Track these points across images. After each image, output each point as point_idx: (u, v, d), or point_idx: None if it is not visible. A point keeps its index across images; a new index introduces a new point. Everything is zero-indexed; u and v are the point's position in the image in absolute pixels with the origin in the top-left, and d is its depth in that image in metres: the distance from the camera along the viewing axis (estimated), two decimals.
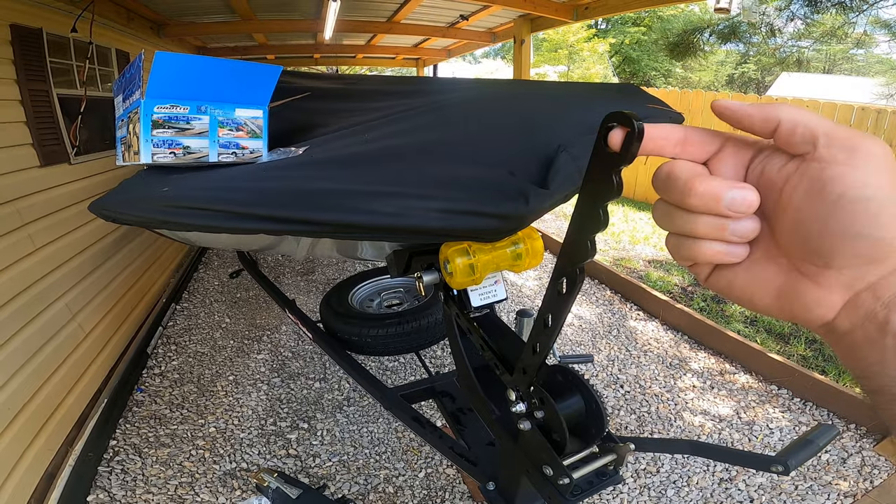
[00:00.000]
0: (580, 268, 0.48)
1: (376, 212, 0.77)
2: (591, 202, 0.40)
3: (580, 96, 1.37)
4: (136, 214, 1.03)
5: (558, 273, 0.53)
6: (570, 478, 0.78)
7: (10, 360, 1.80)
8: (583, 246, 0.44)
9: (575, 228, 0.44)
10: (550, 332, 0.64)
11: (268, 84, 1.27)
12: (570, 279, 0.51)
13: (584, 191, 0.41)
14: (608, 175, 0.36)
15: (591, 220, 0.40)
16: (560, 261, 0.50)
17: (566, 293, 0.54)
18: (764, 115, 0.29)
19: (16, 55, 2.20)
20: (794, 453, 0.91)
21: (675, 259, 0.34)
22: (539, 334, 0.68)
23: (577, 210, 0.42)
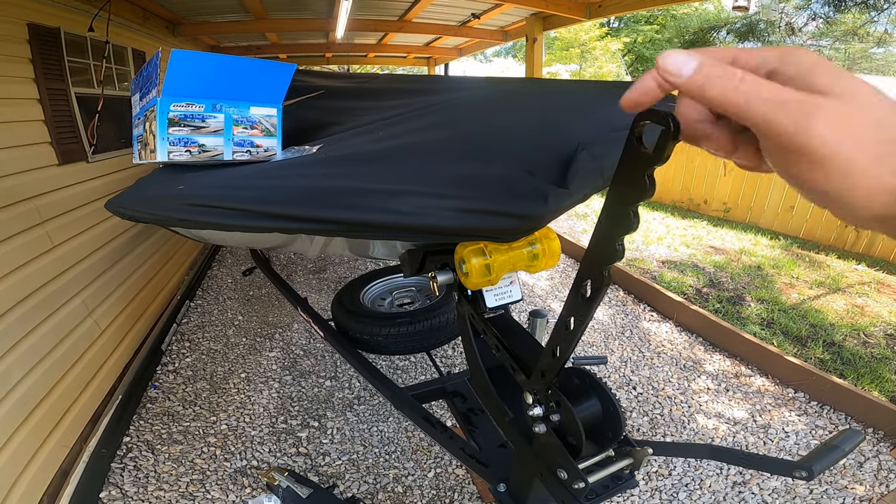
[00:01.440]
0: (607, 270, 0.46)
1: (392, 210, 0.76)
2: (622, 203, 0.39)
3: (597, 94, 1.35)
4: (152, 212, 1.03)
5: (583, 275, 0.51)
6: (586, 482, 0.77)
7: (27, 357, 1.83)
8: (610, 248, 0.42)
9: (603, 229, 0.42)
10: (572, 337, 0.62)
11: (282, 82, 1.27)
12: (595, 282, 0.49)
13: (614, 191, 0.39)
14: (640, 175, 0.35)
15: (621, 222, 0.38)
16: (585, 263, 0.48)
17: (591, 297, 0.52)
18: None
19: (34, 54, 2.23)
20: (819, 459, 0.89)
21: None
22: (560, 338, 0.66)
23: (606, 211, 0.41)
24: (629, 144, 0.36)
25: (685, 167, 6.18)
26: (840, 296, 3.64)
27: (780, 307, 3.42)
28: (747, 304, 3.49)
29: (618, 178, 0.38)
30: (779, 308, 3.41)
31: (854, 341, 2.97)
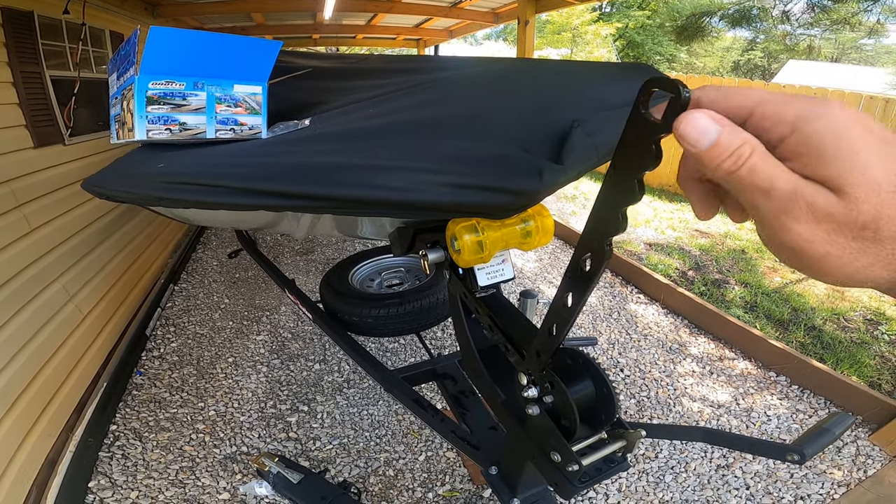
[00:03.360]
0: (608, 243, 0.45)
1: (382, 186, 0.74)
2: (626, 172, 0.37)
3: (592, 74, 1.33)
4: (131, 191, 1.00)
5: (583, 248, 0.48)
6: (580, 464, 0.77)
7: (7, 344, 1.78)
8: (613, 218, 0.41)
9: (605, 200, 0.41)
10: (569, 314, 0.60)
11: (267, 60, 1.23)
12: (596, 255, 0.47)
13: (618, 160, 0.38)
14: (647, 144, 0.34)
15: (625, 191, 0.37)
16: (585, 235, 0.46)
17: (590, 271, 0.50)
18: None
19: (7, 38, 2.18)
20: (811, 442, 0.90)
21: None
22: (557, 315, 0.64)
23: (609, 180, 0.40)
24: (635, 112, 0.34)
25: (674, 151, 6.20)
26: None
27: (763, 291, 3.48)
28: (731, 287, 3.55)
29: (622, 146, 0.37)
30: (762, 292, 3.47)
31: (834, 326, 3.04)
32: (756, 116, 0.31)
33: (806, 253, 0.30)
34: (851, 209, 0.28)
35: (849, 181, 0.28)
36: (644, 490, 1.87)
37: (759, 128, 0.31)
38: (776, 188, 0.29)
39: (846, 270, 0.30)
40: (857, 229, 0.28)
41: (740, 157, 0.30)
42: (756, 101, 0.31)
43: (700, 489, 1.87)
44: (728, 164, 0.30)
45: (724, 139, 0.30)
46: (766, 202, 0.30)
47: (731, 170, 0.30)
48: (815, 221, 0.29)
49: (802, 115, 0.29)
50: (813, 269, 0.31)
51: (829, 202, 0.28)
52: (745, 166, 0.30)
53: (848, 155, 0.28)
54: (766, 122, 0.31)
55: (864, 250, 0.29)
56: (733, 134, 0.30)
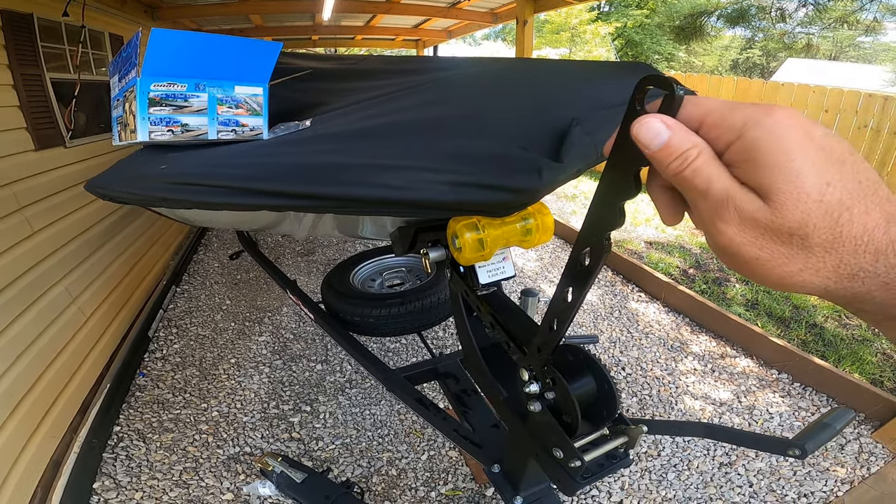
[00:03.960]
0: (607, 237, 0.45)
1: (384, 185, 0.75)
2: (623, 168, 0.38)
3: (590, 73, 1.33)
4: (134, 192, 1.00)
5: (582, 243, 0.49)
6: (582, 460, 0.77)
7: (10, 346, 1.79)
8: (611, 213, 0.41)
9: (603, 195, 0.41)
10: (570, 309, 0.61)
11: (268, 61, 1.24)
12: (595, 249, 0.48)
13: (615, 156, 0.39)
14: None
15: (622, 187, 0.38)
16: (584, 230, 0.47)
17: (590, 265, 0.50)
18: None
19: (7, 40, 2.19)
20: (812, 437, 0.90)
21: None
22: (557, 311, 0.65)
23: (606, 176, 0.40)
24: (631, 109, 0.35)
25: None
26: None
27: (763, 288, 3.48)
28: (732, 285, 3.55)
29: (619, 142, 0.38)
30: (762, 289, 3.46)
31: (835, 323, 3.03)
32: (707, 125, 0.33)
33: (737, 255, 0.32)
34: (777, 216, 0.29)
35: (777, 188, 0.29)
36: (647, 488, 1.88)
37: (710, 136, 0.33)
38: (711, 190, 0.31)
39: (777, 273, 0.31)
40: (784, 235, 0.30)
41: (686, 158, 0.32)
42: (706, 110, 0.33)
43: (703, 487, 1.87)
44: (674, 165, 0.32)
45: (672, 141, 0.32)
46: (703, 203, 0.32)
47: (677, 170, 0.32)
48: (742, 225, 0.31)
49: (747, 121, 0.31)
50: (746, 271, 0.32)
51: (755, 207, 0.30)
52: (690, 167, 0.32)
53: (781, 162, 0.29)
54: (715, 129, 0.32)
55: (792, 256, 0.30)
56: (682, 137, 0.32)
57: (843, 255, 0.29)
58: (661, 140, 0.33)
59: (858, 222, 0.28)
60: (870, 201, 0.29)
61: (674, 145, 0.32)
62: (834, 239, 0.29)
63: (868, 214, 0.29)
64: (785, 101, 4.67)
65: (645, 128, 0.33)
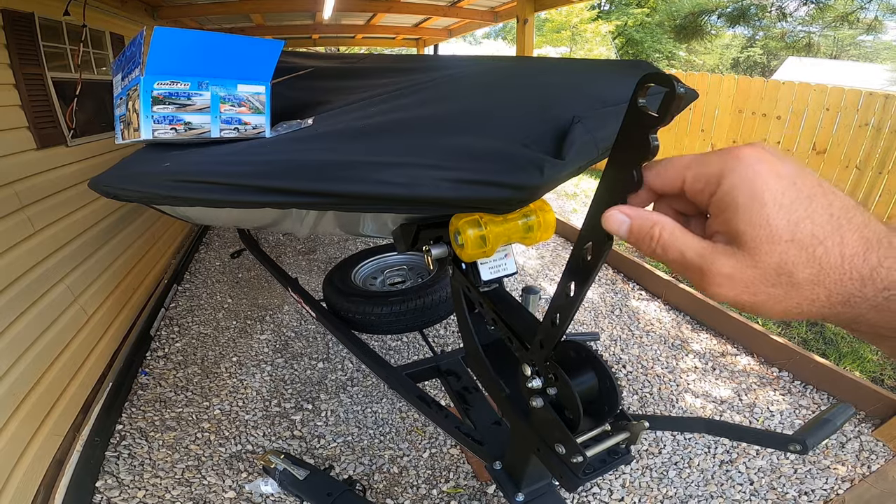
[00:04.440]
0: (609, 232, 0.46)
1: (386, 182, 0.75)
2: (624, 164, 0.39)
3: (591, 71, 1.34)
4: (137, 189, 1.00)
5: (584, 237, 0.49)
6: (584, 456, 0.78)
7: (13, 345, 1.79)
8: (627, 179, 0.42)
9: (605, 191, 0.42)
10: (572, 303, 0.61)
11: (270, 59, 1.24)
12: (597, 243, 0.48)
13: (616, 152, 0.40)
14: (643, 136, 0.36)
15: (624, 182, 0.38)
16: (587, 224, 0.48)
17: (592, 260, 0.51)
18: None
19: (8, 39, 2.19)
20: (813, 432, 0.91)
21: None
22: (559, 306, 0.65)
23: (609, 172, 0.41)
24: (632, 106, 0.37)
25: (673, 147, 6.20)
26: None
27: None
28: None
29: (620, 139, 0.39)
30: None
31: None
32: (688, 182, 0.34)
33: (737, 304, 0.33)
34: (756, 263, 0.30)
35: (750, 235, 0.30)
36: (647, 485, 1.88)
37: (693, 191, 0.34)
38: (687, 261, 0.33)
39: (779, 309, 0.32)
40: (771, 277, 0.31)
41: (652, 238, 0.35)
42: (684, 167, 0.35)
43: (704, 484, 1.88)
44: (644, 247, 0.35)
45: (634, 226, 0.36)
46: (685, 272, 0.34)
47: (648, 251, 0.35)
48: (729, 281, 0.32)
49: (722, 169, 0.32)
50: (753, 313, 0.34)
51: (734, 263, 0.31)
52: (658, 245, 0.34)
53: (753, 207, 0.30)
54: (697, 184, 0.34)
55: (787, 294, 0.31)
56: (641, 220, 0.35)
57: (830, 285, 0.30)
58: (625, 228, 0.36)
59: (835, 253, 0.29)
60: (845, 231, 0.29)
61: (635, 229, 0.36)
62: (818, 272, 0.30)
63: (843, 244, 0.29)
64: (786, 99, 4.66)
65: (610, 220, 0.37)
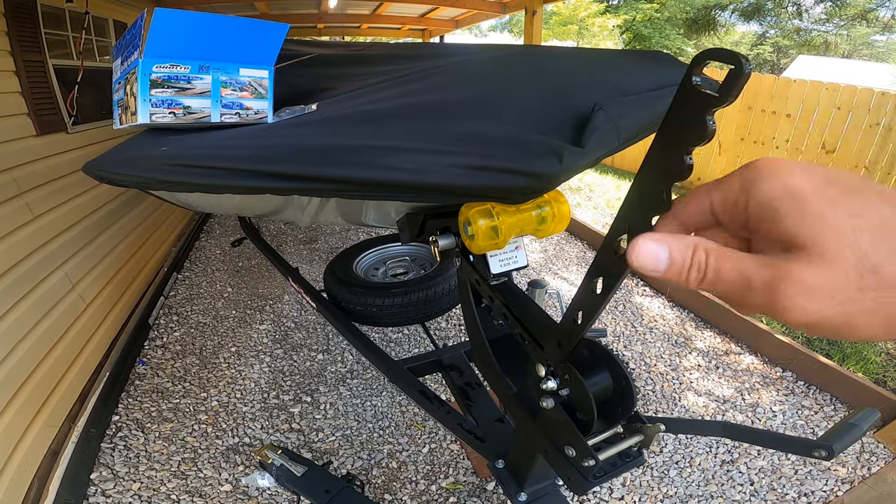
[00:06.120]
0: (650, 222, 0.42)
1: (393, 167, 0.71)
2: (673, 147, 0.35)
3: (608, 61, 1.30)
4: (133, 174, 0.97)
5: (618, 229, 0.45)
6: (597, 459, 0.74)
7: (9, 334, 1.77)
8: (657, 196, 0.38)
9: (649, 176, 0.38)
10: (599, 302, 0.56)
11: (274, 43, 1.20)
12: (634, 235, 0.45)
13: (664, 135, 0.36)
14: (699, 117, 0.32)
15: (672, 168, 0.35)
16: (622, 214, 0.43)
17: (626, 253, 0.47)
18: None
19: (9, 27, 2.17)
20: (839, 437, 0.88)
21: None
22: (584, 303, 0.60)
23: (654, 156, 0.37)
24: (686, 84, 0.33)
25: None
26: None
27: None
28: None
29: (669, 120, 0.35)
30: None
31: None
32: (716, 202, 0.31)
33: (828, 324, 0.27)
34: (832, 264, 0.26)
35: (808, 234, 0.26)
36: (648, 484, 1.86)
37: (722, 212, 0.31)
38: (753, 280, 0.28)
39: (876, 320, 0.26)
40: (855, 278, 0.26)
41: (699, 264, 0.29)
42: (707, 190, 0.32)
43: (704, 484, 1.86)
44: (693, 278, 0.30)
45: (675, 255, 0.30)
46: (752, 296, 0.29)
47: (699, 280, 0.30)
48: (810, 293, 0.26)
49: (747, 179, 0.29)
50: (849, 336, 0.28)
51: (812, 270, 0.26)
52: (710, 271, 0.29)
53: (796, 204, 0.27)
54: (725, 204, 0.31)
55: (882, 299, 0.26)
56: (680, 245, 0.30)
57: None
58: (663, 259, 0.30)
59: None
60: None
61: (677, 259, 0.30)
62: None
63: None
64: (797, 97, 4.61)
65: (643, 255, 0.31)
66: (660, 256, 0.30)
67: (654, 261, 0.31)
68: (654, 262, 0.31)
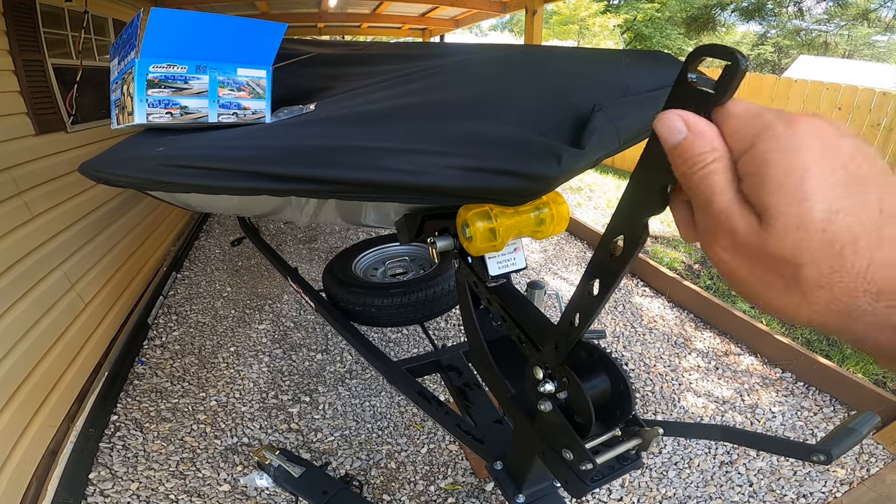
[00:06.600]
0: (645, 223, 0.41)
1: (389, 168, 0.71)
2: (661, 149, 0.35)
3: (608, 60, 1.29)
4: (128, 174, 0.96)
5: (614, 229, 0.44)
6: (594, 463, 0.74)
7: (7, 333, 1.76)
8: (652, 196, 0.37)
9: (644, 176, 0.38)
10: (596, 303, 0.56)
11: (272, 43, 1.20)
12: (630, 237, 0.43)
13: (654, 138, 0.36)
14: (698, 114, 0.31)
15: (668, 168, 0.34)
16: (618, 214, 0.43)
17: (623, 255, 0.45)
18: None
19: (8, 26, 2.16)
20: (837, 442, 0.87)
21: None
22: (581, 304, 0.60)
23: (649, 156, 0.37)
24: (681, 81, 0.32)
25: None
26: None
27: None
28: None
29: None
30: None
31: None
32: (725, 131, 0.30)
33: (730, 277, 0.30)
34: (768, 241, 0.26)
35: (778, 211, 0.26)
36: (647, 486, 1.86)
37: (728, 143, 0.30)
38: (712, 204, 0.29)
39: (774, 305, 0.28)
40: (774, 262, 0.26)
41: (697, 163, 0.30)
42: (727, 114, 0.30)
43: (703, 485, 1.85)
44: (684, 167, 0.31)
45: (686, 142, 0.30)
46: (703, 216, 0.30)
47: (686, 172, 0.31)
48: (734, 248, 0.28)
49: (764, 130, 0.27)
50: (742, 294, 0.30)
51: (748, 230, 0.27)
52: (700, 173, 0.30)
53: (789, 183, 0.25)
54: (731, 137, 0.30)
55: (787, 289, 0.27)
56: (700, 139, 0.30)
57: (838, 291, 0.25)
58: (676, 139, 0.31)
59: (864, 256, 0.24)
60: (887, 232, 0.24)
61: (686, 146, 0.30)
62: (832, 274, 0.25)
63: (879, 248, 0.24)
64: (797, 97, 4.60)
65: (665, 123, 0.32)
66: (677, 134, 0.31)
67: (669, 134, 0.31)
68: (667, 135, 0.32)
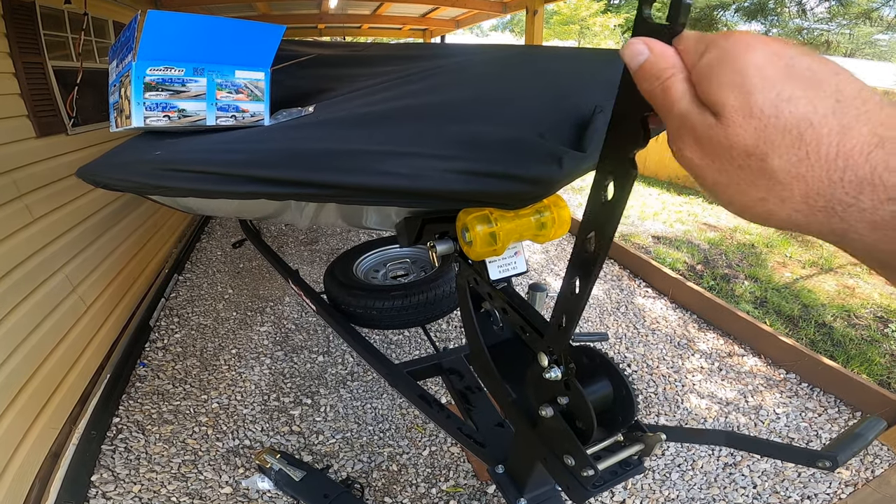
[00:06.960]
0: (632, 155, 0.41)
1: (390, 173, 0.70)
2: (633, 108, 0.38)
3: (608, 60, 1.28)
4: (126, 178, 0.96)
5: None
6: (596, 469, 0.73)
7: (9, 336, 1.76)
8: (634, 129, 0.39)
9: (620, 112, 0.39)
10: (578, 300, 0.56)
11: (270, 44, 1.19)
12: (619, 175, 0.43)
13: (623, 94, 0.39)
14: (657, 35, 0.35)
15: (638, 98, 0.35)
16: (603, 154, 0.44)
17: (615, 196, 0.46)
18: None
19: (8, 28, 2.16)
20: (843, 447, 0.86)
21: None
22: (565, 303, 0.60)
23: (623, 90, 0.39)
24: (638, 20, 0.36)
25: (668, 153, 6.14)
26: (831, 276, 3.66)
27: (772, 286, 3.43)
28: (741, 281, 3.50)
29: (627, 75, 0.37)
30: (771, 287, 3.41)
31: (844, 322, 2.99)
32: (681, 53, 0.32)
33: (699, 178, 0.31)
34: (728, 133, 0.27)
35: (727, 103, 0.27)
36: (650, 488, 1.85)
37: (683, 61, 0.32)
38: (673, 110, 0.31)
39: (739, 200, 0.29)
40: (741, 156, 0.27)
41: (658, 77, 0.32)
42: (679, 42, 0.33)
43: (707, 487, 1.84)
44: (647, 84, 0.33)
45: (648, 62, 0.33)
46: (669, 125, 0.32)
47: (649, 89, 0.33)
48: (699, 146, 0.30)
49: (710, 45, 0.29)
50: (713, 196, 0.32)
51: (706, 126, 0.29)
52: (662, 86, 0.32)
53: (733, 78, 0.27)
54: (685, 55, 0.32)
55: (753, 181, 0.28)
56: (661, 58, 0.32)
57: (812, 181, 0.25)
58: (639, 60, 0.33)
59: (830, 143, 0.24)
60: (851, 120, 0.24)
61: (649, 65, 0.33)
62: (799, 162, 0.25)
63: (845, 134, 0.24)
64: None
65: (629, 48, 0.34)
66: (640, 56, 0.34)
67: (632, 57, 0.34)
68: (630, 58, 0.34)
